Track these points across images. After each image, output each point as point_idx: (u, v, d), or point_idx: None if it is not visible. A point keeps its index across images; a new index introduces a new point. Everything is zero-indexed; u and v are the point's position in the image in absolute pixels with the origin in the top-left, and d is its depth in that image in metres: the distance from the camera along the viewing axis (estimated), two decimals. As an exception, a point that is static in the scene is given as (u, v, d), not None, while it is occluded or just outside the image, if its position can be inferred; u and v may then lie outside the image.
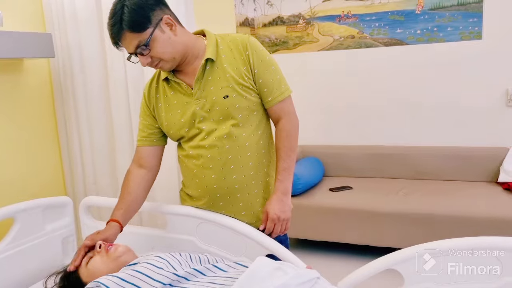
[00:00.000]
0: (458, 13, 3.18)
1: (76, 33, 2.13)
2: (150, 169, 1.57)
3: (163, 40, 1.35)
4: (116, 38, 1.34)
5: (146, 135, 1.56)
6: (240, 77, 1.43)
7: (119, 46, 1.37)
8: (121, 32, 1.32)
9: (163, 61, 1.38)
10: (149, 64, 1.38)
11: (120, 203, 1.50)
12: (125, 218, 1.49)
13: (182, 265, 1.24)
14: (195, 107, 1.44)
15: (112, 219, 1.46)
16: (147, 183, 1.57)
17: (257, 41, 1.48)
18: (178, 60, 1.41)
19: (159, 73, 1.54)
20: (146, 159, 1.56)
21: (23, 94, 2.08)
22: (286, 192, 1.50)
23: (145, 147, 1.56)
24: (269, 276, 1.09)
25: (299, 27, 3.65)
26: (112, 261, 1.28)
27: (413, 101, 3.38)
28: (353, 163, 3.49)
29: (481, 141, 3.24)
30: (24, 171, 2.08)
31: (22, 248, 1.62)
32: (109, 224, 1.45)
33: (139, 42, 1.32)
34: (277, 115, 1.51)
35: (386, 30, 3.39)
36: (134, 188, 1.53)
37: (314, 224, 2.96)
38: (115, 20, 1.31)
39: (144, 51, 1.34)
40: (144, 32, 1.31)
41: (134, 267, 1.20)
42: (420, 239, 1.26)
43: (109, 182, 2.28)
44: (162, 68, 1.42)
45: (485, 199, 2.77)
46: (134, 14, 1.29)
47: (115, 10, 1.32)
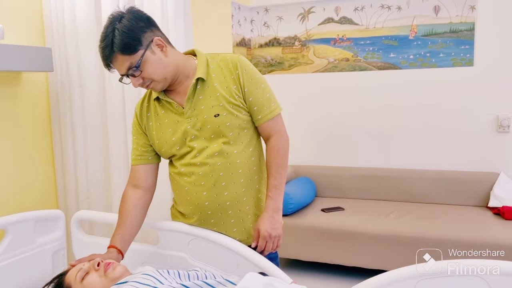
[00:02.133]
0: (450, 40, 3.26)
1: (75, 48, 2.16)
2: (146, 189, 1.57)
3: (154, 61, 1.37)
4: (108, 60, 1.36)
5: (140, 153, 1.57)
6: (231, 95, 1.45)
7: (110, 68, 1.39)
8: (112, 55, 1.34)
9: (155, 82, 1.41)
10: (141, 85, 1.41)
11: (118, 228, 1.50)
12: (124, 243, 1.48)
13: (168, 280, 1.24)
14: (186, 125, 1.46)
15: (111, 245, 1.45)
16: (144, 204, 1.57)
17: (247, 60, 1.51)
18: (169, 80, 1.44)
19: (150, 92, 1.55)
20: (141, 179, 1.56)
21: (20, 106, 2.09)
22: (277, 209, 1.51)
23: (140, 165, 1.57)
24: None
25: (295, 48, 3.71)
26: (109, 282, 1.26)
27: (405, 125, 3.43)
28: (345, 184, 3.51)
29: (471, 166, 3.28)
30: (17, 183, 2.07)
31: (13, 261, 1.60)
32: (109, 250, 1.44)
33: (131, 64, 1.35)
34: (267, 133, 1.53)
35: (380, 54, 3.45)
36: (130, 210, 1.52)
37: (305, 244, 2.96)
38: (106, 43, 1.33)
39: (135, 73, 1.37)
40: (135, 54, 1.34)
41: (122, 286, 1.20)
42: (410, 262, 1.27)
43: (102, 197, 2.27)
44: (154, 88, 1.45)
45: (475, 223, 2.80)
46: (125, 37, 1.32)
47: (106, 33, 1.34)
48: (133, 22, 1.34)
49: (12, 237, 1.60)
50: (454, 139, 3.32)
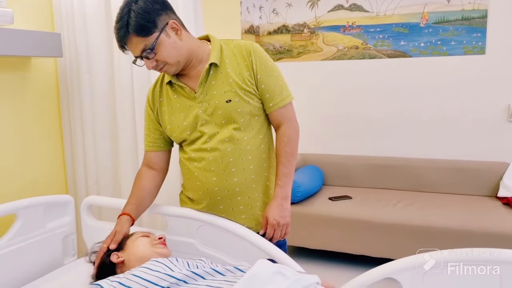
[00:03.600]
0: (462, 28, 3.21)
1: (84, 33, 2.15)
2: (160, 171, 1.62)
3: (169, 44, 1.37)
4: (122, 41, 1.37)
5: (152, 140, 1.60)
6: (243, 82, 1.45)
7: (125, 49, 1.40)
8: (127, 36, 1.34)
9: (168, 65, 1.41)
10: (154, 67, 1.41)
11: (132, 198, 1.54)
12: (137, 212, 1.53)
13: (178, 268, 1.25)
14: (197, 110, 1.46)
15: (124, 212, 1.49)
16: (158, 182, 1.62)
17: (260, 47, 1.51)
18: (183, 64, 1.44)
19: (162, 76, 1.56)
20: (154, 162, 1.61)
21: (29, 92, 2.09)
22: (285, 197, 1.51)
23: (152, 152, 1.60)
24: (270, 280, 1.10)
25: (304, 36, 3.68)
26: (152, 252, 1.34)
27: (414, 113, 3.40)
28: (353, 173, 3.50)
29: (481, 155, 3.26)
30: (27, 169, 2.09)
31: (23, 245, 1.62)
32: (121, 218, 1.47)
33: (145, 46, 1.35)
34: (278, 121, 1.53)
35: (390, 42, 3.42)
36: (145, 185, 1.57)
37: (312, 232, 2.96)
38: (121, 24, 1.34)
39: (149, 55, 1.37)
40: (150, 36, 1.34)
41: (132, 271, 1.22)
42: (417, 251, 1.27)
43: (110, 183, 2.28)
44: (167, 71, 1.45)
45: (484, 213, 2.78)
46: (140, 19, 1.32)
47: (121, 14, 1.34)
48: (148, 4, 1.34)
49: (22, 221, 1.62)
50: (464, 128, 3.29)
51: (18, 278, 1.60)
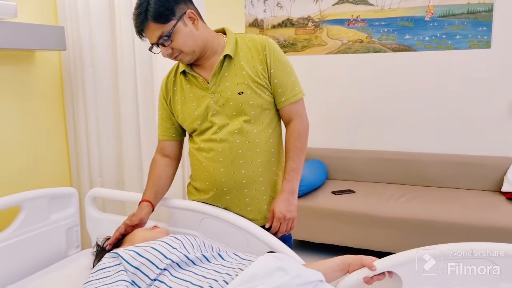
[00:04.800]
0: (467, 21, 3.18)
1: (88, 27, 2.16)
2: (173, 158, 1.66)
3: (185, 33, 1.40)
4: (140, 28, 1.40)
5: (164, 130, 1.63)
6: (256, 75, 1.47)
7: (142, 36, 1.43)
8: (145, 22, 1.37)
9: (183, 54, 1.43)
10: (169, 55, 1.43)
11: (151, 185, 1.58)
12: (156, 199, 1.58)
13: (194, 249, 1.27)
14: (209, 101, 1.47)
15: (145, 199, 1.54)
16: (172, 170, 1.66)
17: (275, 43, 1.52)
18: (198, 53, 1.46)
19: (177, 66, 1.58)
20: (168, 150, 1.65)
21: (33, 85, 2.10)
22: (293, 192, 1.52)
23: (165, 141, 1.64)
24: (270, 275, 1.10)
25: (308, 29, 3.67)
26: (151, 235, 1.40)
27: (418, 108, 3.39)
28: (356, 167, 3.50)
29: (485, 149, 3.24)
30: (31, 162, 2.10)
31: (27, 236, 1.64)
32: (142, 205, 1.52)
33: (162, 33, 1.38)
34: (288, 116, 1.55)
35: (394, 36, 3.40)
36: (162, 173, 1.61)
37: (316, 226, 2.97)
38: (140, 10, 1.37)
39: (166, 42, 1.39)
40: (167, 23, 1.37)
41: (150, 243, 1.25)
42: (420, 245, 1.27)
43: (114, 175, 2.30)
44: (182, 60, 1.47)
45: (487, 207, 2.77)
46: (159, 6, 1.35)
47: (141, 0, 1.37)
48: None
49: (26, 213, 1.64)
50: (468, 122, 3.28)
51: (22, 269, 1.62)
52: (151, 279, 1.16)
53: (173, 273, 1.17)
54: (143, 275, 1.17)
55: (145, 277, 1.16)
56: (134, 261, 1.19)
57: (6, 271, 1.57)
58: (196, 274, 1.16)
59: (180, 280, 1.14)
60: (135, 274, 1.17)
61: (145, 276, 1.16)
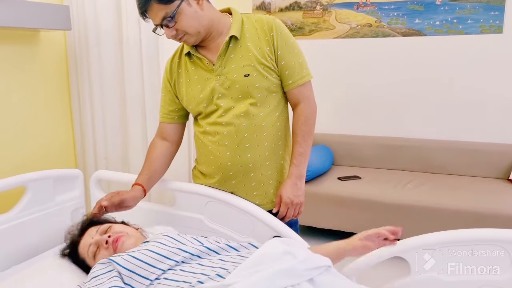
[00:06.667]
0: (479, 6, 3.11)
1: (93, 6, 2.13)
2: (173, 142, 1.63)
3: (189, 14, 1.36)
4: (143, 8, 1.36)
5: (167, 112, 1.60)
6: (263, 57, 1.43)
7: (146, 17, 1.39)
8: (148, 3, 1.33)
9: (188, 35, 1.40)
10: (174, 36, 1.40)
11: (145, 170, 1.56)
12: (149, 183, 1.55)
13: (190, 243, 1.25)
14: (214, 83, 1.44)
15: (137, 182, 1.52)
16: (170, 154, 1.63)
17: (282, 23, 1.48)
18: (203, 35, 1.42)
19: (181, 48, 1.54)
20: (168, 134, 1.61)
21: (38, 65, 2.08)
22: (300, 176, 1.50)
23: (166, 124, 1.61)
24: (278, 259, 1.09)
25: (316, 13, 3.61)
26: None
27: (426, 94, 3.34)
28: (363, 153, 3.47)
29: (494, 137, 3.20)
30: (36, 143, 2.10)
31: (32, 217, 1.64)
32: (133, 187, 1.50)
33: (166, 14, 1.34)
34: (296, 99, 1.51)
35: (404, 20, 3.33)
36: (158, 157, 1.58)
37: (321, 212, 2.96)
38: None
39: (170, 23, 1.36)
40: (171, 4, 1.33)
41: (145, 245, 1.22)
42: (427, 232, 1.26)
43: (119, 157, 2.29)
44: (186, 42, 1.43)
45: (495, 195, 2.75)
46: None
47: None
48: None
49: (31, 194, 1.63)
50: (477, 109, 3.23)
51: (27, 250, 1.61)
52: (150, 280, 1.14)
53: (178, 268, 1.15)
54: (140, 278, 1.14)
55: (143, 279, 1.14)
56: (129, 264, 1.16)
57: (11, 252, 1.56)
58: (202, 265, 1.15)
59: (186, 272, 1.13)
60: (131, 277, 1.14)
61: (143, 278, 1.14)
